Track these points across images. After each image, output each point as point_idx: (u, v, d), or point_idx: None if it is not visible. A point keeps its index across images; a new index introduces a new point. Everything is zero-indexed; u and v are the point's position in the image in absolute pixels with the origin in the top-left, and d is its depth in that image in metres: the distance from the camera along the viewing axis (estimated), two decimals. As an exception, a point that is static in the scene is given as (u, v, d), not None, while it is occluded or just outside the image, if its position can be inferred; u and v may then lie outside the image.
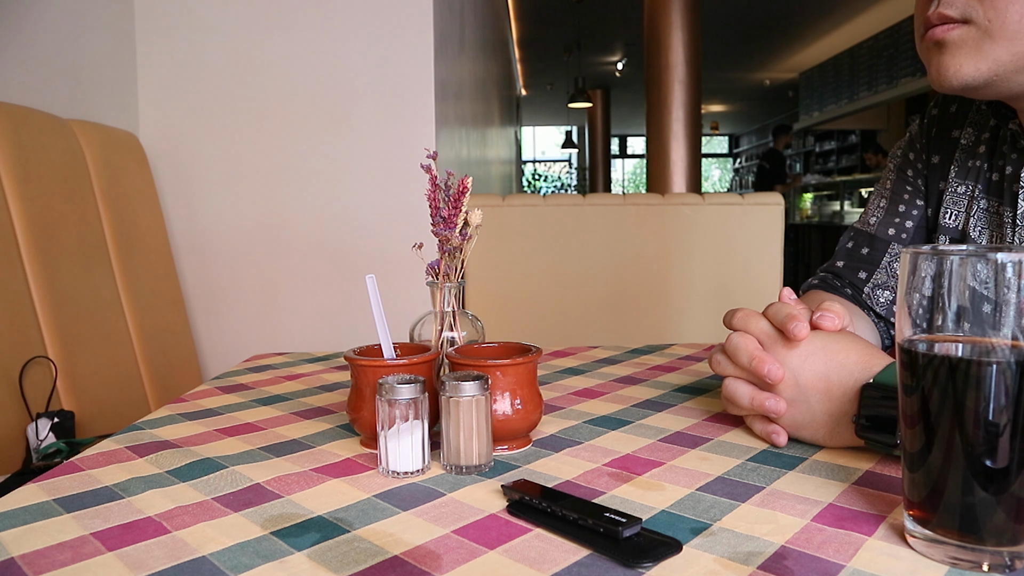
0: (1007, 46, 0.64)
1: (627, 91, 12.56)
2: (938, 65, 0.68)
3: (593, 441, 0.64)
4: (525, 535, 0.45)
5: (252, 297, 2.16)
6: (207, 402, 0.81)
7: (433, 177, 0.66)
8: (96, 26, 1.89)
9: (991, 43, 0.64)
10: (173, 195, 2.12)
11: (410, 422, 0.56)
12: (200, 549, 0.44)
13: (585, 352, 1.07)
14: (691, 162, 5.26)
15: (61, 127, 1.62)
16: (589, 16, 8.17)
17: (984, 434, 0.39)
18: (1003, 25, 0.63)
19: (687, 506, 0.49)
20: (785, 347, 0.61)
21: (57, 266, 1.50)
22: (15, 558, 0.43)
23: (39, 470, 1.15)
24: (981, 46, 0.65)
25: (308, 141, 2.12)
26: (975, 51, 0.65)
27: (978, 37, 0.65)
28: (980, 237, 0.81)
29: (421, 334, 0.70)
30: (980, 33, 0.64)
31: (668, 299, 1.82)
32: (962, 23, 0.65)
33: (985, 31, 0.64)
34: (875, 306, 0.90)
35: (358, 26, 2.09)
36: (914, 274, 0.41)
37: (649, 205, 1.82)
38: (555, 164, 19.82)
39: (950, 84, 0.67)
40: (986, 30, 0.64)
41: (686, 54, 5.16)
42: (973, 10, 0.64)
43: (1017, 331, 0.38)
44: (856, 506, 0.49)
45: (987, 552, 0.40)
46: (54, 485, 0.55)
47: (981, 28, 0.64)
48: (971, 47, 0.65)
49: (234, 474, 0.57)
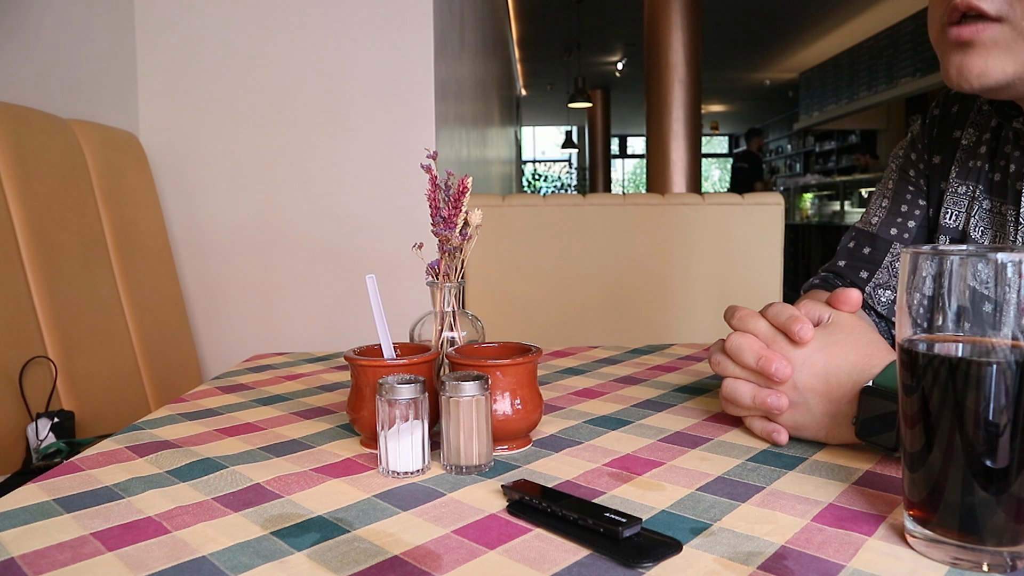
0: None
1: (627, 91, 12.56)
2: (960, 65, 0.63)
3: (593, 441, 0.64)
4: (525, 535, 0.45)
5: (252, 297, 2.16)
6: (207, 402, 0.81)
7: (433, 177, 0.66)
8: (96, 26, 1.89)
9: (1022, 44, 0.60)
10: (173, 195, 2.12)
11: (410, 422, 0.56)
12: (200, 549, 0.44)
13: (585, 352, 1.07)
14: (691, 162, 5.27)
15: (61, 127, 1.62)
16: (589, 16, 8.17)
17: (984, 434, 0.39)
18: None
19: (687, 506, 0.49)
20: (785, 348, 0.61)
21: (57, 266, 1.50)
22: (15, 558, 0.43)
23: (39, 470, 1.15)
24: (1014, 47, 0.61)
25: (308, 141, 2.12)
26: (1006, 52, 0.61)
27: (1013, 38, 0.61)
28: (982, 237, 0.81)
29: (421, 334, 0.70)
30: (1015, 34, 0.60)
31: (668, 299, 1.82)
32: (995, 21, 0.61)
33: (1021, 32, 0.60)
34: (876, 306, 0.90)
35: (358, 26, 2.09)
36: (914, 274, 0.41)
37: (649, 205, 1.82)
38: (555, 164, 19.81)
39: (971, 85, 0.63)
40: (1022, 31, 0.60)
41: (686, 54, 5.17)
42: (1011, 9, 0.60)
43: (1017, 331, 0.38)
44: (856, 506, 0.49)
45: (987, 552, 0.40)
46: (54, 485, 0.55)
47: (1017, 28, 0.60)
48: (1003, 48, 0.61)
49: (234, 474, 0.57)
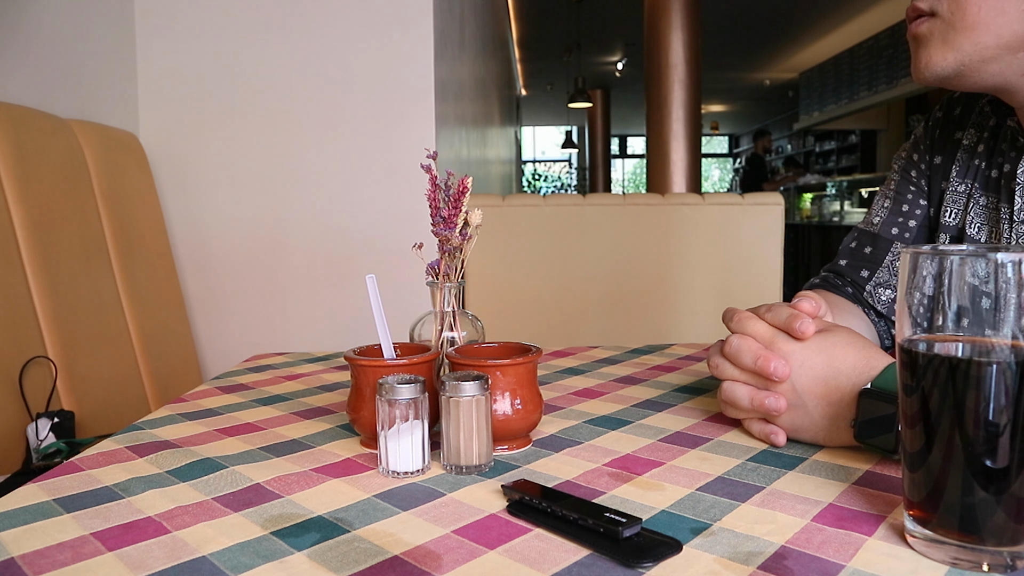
0: (970, 36, 0.68)
1: (627, 91, 12.55)
2: (915, 58, 0.72)
3: (593, 441, 0.64)
4: (525, 535, 0.45)
5: (252, 297, 2.16)
6: (207, 402, 0.81)
7: (433, 177, 0.66)
8: (96, 26, 1.89)
9: (955, 34, 0.68)
10: (173, 195, 2.12)
11: (410, 422, 0.56)
12: (200, 549, 0.44)
13: (585, 352, 1.07)
14: (691, 162, 5.26)
15: (61, 127, 1.62)
16: (589, 16, 8.17)
17: (984, 434, 0.39)
18: (963, 16, 0.67)
19: (687, 506, 0.49)
20: (784, 349, 0.61)
21: (57, 266, 1.50)
22: (15, 558, 0.43)
23: (39, 470, 1.15)
24: (947, 37, 0.69)
25: (308, 141, 2.12)
26: (942, 43, 0.69)
27: (944, 29, 0.69)
28: (978, 234, 0.81)
29: (421, 334, 0.70)
30: (945, 25, 0.69)
31: (668, 299, 1.82)
32: (930, 16, 0.70)
33: (949, 23, 0.68)
34: (876, 304, 0.90)
35: (358, 26, 2.09)
36: (915, 274, 0.41)
37: (649, 205, 1.82)
38: (555, 164, 19.81)
39: (923, 76, 0.71)
40: (950, 22, 0.68)
41: (686, 54, 5.16)
42: (939, 4, 0.69)
43: (1017, 331, 0.38)
44: (856, 506, 0.49)
45: (987, 552, 0.40)
46: (54, 485, 0.55)
47: (946, 20, 0.68)
48: (938, 39, 0.69)
49: (234, 474, 0.57)
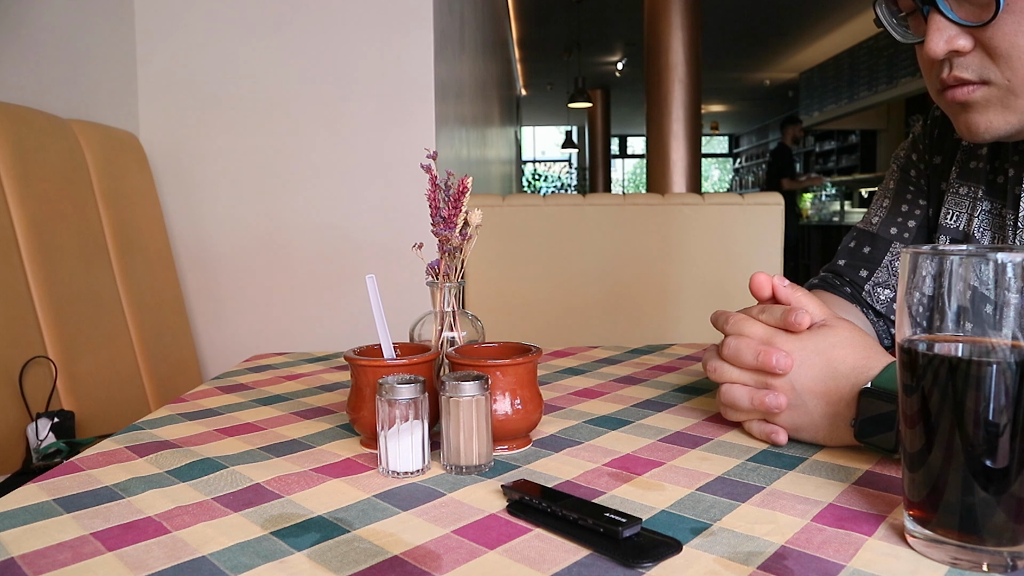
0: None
1: (627, 91, 12.55)
2: (967, 122, 0.68)
3: (593, 441, 0.64)
4: (525, 535, 0.45)
5: (252, 297, 2.16)
6: (207, 402, 0.81)
7: (433, 177, 0.66)
8: (96, 26, 1.89)
9: (1015, 99, 0.65)
10: (173, 195, 2.12)
11: (410, 422, 0.56)
12: (200, 549, 0.44)
13: (585, 352, 1.07)
14: (691, 162, 5.26)
15: (61, 127, 1.62)
16: (589, 16, 8.17)
17: (984, 434, 0.39)
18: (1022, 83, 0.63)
19: (687, 506, 0.49)
20: (783, 347, 0.61)
21: (57, 266, 1.50)
22: (15, 558, 0.43)
23: (39, 470, 1.15)
24: (1007, 102, 0.65)
25: (308, 141, 2.12)
26: (1003, 108, 0.65)
27: (1002, 95, 0.65)
28: (983, 238, 0.81)
29: (421, 334, 0.70)
30: (1003, 92, 0.65)
31: (668, 299, 1.82)
32: (981, 84, 0.65)
33: (1008, 89, 0.64)
34: (875, 304, 0.90)
35: (358, 26, 2.09)
36: (914, 274, 0.41)
37: (649, 205, 1.82)
38: (555, 164, 19.81)
39: (982, 138, 0.68)
40: (1009, 88, 0.64)
41: (686, 54, 5.16)
42: (990, 72, 0.64)
43: (1017, 331, 0.38)
44: (856, 506, 0.49)
45: (987, 552, 0.40)
46: (54, 485, 0.55)
47: (1003, 88, 0.64)
48: (997, 104, 0.66)
49: (234, 474, 0.57)
